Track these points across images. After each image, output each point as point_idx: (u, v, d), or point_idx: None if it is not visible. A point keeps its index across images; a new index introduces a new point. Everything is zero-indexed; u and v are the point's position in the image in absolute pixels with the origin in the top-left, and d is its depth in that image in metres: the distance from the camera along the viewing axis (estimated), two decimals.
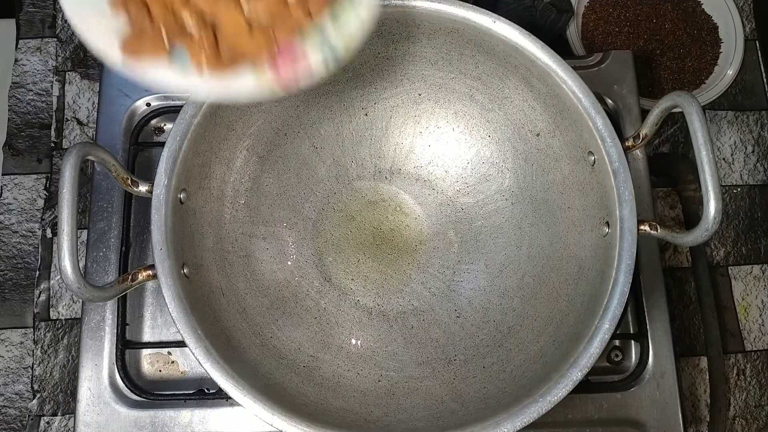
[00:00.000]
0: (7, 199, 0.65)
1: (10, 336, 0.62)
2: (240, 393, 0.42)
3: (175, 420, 0.53)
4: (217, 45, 0.37)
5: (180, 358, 0.56)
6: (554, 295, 0.51)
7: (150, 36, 0.37)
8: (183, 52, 0.37)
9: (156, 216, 0.45)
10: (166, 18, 0.37)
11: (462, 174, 0.58)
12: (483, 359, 0.51)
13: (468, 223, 0.58)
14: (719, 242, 0.68)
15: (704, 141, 0.42)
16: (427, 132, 0.58)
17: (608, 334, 0.43)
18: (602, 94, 0.62)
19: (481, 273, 0.56)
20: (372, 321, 0.55)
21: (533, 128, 0.53)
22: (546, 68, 0.48)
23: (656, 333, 0.56)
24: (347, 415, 0.47)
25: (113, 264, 0.57)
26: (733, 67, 0.72)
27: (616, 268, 0.44)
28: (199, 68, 0.37)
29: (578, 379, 0.42)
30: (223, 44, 0.37)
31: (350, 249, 0.58)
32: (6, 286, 0.63)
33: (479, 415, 0.43)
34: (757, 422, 0.64)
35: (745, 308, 0.67)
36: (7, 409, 0.61)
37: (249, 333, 0.49)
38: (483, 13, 0.48)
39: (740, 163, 0.71)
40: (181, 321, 0.43)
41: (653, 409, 0.54)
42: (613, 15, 0.73)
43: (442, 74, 0.55)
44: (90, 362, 0.54)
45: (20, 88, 0.69)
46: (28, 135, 0.67)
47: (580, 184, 0.50)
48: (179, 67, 0.37)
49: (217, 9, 0.37)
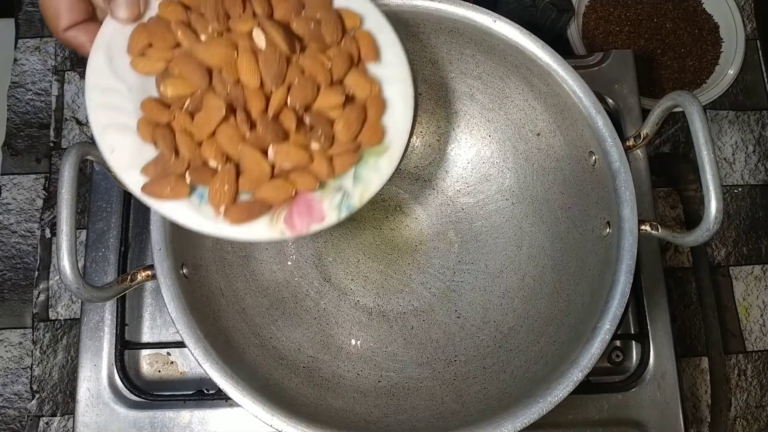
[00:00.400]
0: (6, 199, 0.65)
1: (9, 336, 0.62)
2: (239, 393, 0.42)
3: (175, 421, 0.53)
4: (237, 187, 0.37)
5: (179, 359, 0.56)
6: (555, 296, 0.51)
7: (173, 176, 0.37)
8: (202, 193, 0.37)
9: (155, 216, 0.45)
10: (192, 157, 0.37)
11: (462, 174, 0.58)
12: (483, 360, 0.51)
13: (468, 223, 0.58)
14: (720, 242, 0.68)
15: (705, 141, 0.42)
16: (427, 131, 0.58)
17: (609, 334, 0.43)
18: (603, 94, 0.62)
19: (482, 273, 0.56)
20: (372, 321, 0.55)
21: (534, 128, 0.53)
22: (546, 68, 0.48)
23: (657, 333, 0.56)
24: (347, 416, 0.47)
25: (112, 264, 0.57)
26: (734, 66, 0.72)
27: (616, 269, 0.44)
28: (215, 211, 0.37)
29: (579, 379, 0.42)
30: (243, 187, 0.37)
31: (350, 249, 0.57)
32: (5, 287, 0.63)
33: (480, 416, 0.43)
34: (758, 423, 0.63)
35: (746, 308, 0.66)
36: (6, 410, 0.61)
37: (248, 333, 0.49)
38: (483, 12, 0.48)
39: (741, 163, 0.71)
40: (180, 321, 0.43)
41: (654, 409, 0.54)
42: (613, 14, 0.73)
43: (443, 74, 0.54)
44: (89, 363, 0.54)
45: (19, 87, 0.69)
46: (27, 135, 0.67)
47: (580, 184, 0.50)
48: (196, 206, 0.37)
49: (243, 153, 0.37)
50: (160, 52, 0.38)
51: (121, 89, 0.38)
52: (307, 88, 0.38)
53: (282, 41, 0.38)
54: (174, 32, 0.38)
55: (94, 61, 0.38)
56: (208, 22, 0.38)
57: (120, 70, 0.38)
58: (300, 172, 0.38)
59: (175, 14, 0.39)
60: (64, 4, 0.39)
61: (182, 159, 0.37)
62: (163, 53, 0.38)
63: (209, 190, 0.37)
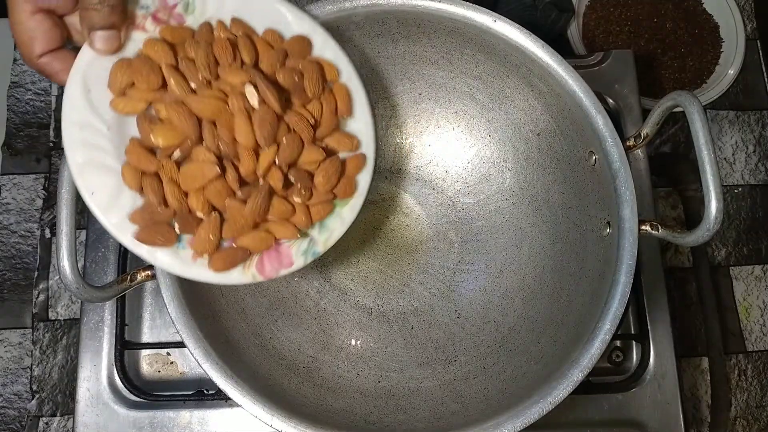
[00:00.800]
0: (5, 199, 0.65)
1: (9, 336, 0.62)
2: (239, 394, 0.42)
3: (174, 421, 0.53)
4: (220, 236, 0.39)
5: (179, 359, 0.56)
6: (555, 296, 0.51)
7: (163, 225, 0.38)
8: (182, 237, 0.39)
9: None
10: (179, 208, 0.38)
11: (462, 174, 0.58)
12: (483, 360, 0.51)
13: (468, 223, 0.58)
14: (720, 242, 0.68)
15: (705, 141, 0.42)
16: (427, 131, 0.58)
17: (609, 334, 0.43)
18: (603, 94, 0.62)
19: (482, 273, 0.56)
20: (372, 321, 0.55)
21: (534, 128, 0.53)
22: (547, 67, 0.48)
23: (657, 333, 0.56)
24: (347, 416, 0.47)
25: (112, 264, 0.57)
26: (735, 66, 0.72)
27: (617, 269, 0.44)
28: (194, 256, 0.39)
29: (579, 379, 0.42)
30: (226, 235, 0.39)
31: (350, 249, 0.57)
32: (5, 287, 0.63)
33: (480, 416, 0.43)
34: (759, 423, 0.63)
35: (746, 308, 0.66)
36: (5, 410, 0.61)
37: (248, 333, 0.49)
38: (483, 12, 0.48)
39: (741, 163, 0.71)
40: (180, 321, 0.43)
41: (654, 409, 0.54)
42: (614, 14, 0.73)
43: (443, 73, 0.54)
44: (89, 363, 0.54)
45: (19, 87, 0.68)
46: (26, 135, 0.67)
47: (581, 184, 0.50)
48: (175, 251, 0.39)
49: (229, 205, 0.39)
50: (143, 93, 0.38)
51: (99, 127, 0.38)
52: (294, 146, 0.40)
53: (275, 101, 0.39)
54: (160, 75, 0.38)
55: (71, 94, 0.37)
56: (198, 69, 0.38)
57: (97, 105, 0.38)
58: (280, 222, 0.41)
59: (163, 56, 0.38)
60: (40, 29, 0.36)
61: (170, 208, 0.38)
62: (146, 94, 0.38)
63: (195, 238, 0.39)
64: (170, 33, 0.39)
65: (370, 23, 0.49)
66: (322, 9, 0.47)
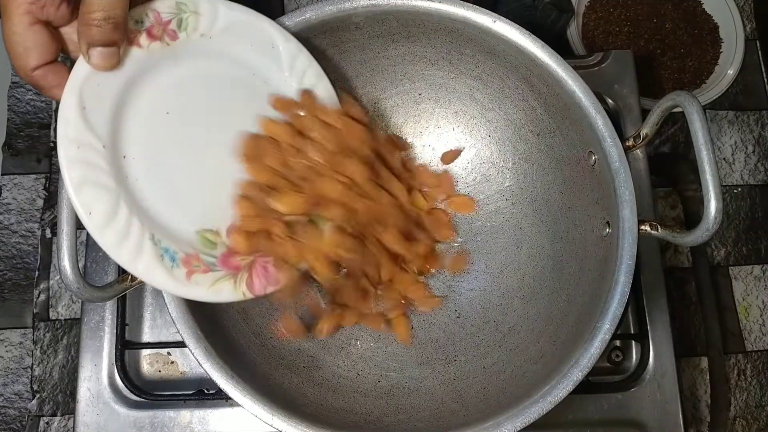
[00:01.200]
0: (6, 199, 0.65)
1: (10, 336, 0.62)
2: (240, 393, 0.42)
3: (175, 420, 0.53)
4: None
5: (180, 359, 0.56)
6: (554, 296, 0.51)
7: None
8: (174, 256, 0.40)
9: None
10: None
11: (462, 174, 0.58)
12: (483, 359, 0.51)
13: (468, 223, 0.58)
14: (720, 242, 0.68)
15: (705, 141, 0.42)
16: (427, 132, 0.58)
17: (609, 334, 0.43)
18: (603, 94, 0.62)
19: (481, 273, 0.56)
20: None
21: (534, 128, 0.53)
22: (546, 68, 0.48)
23: (657, 333, 0.56)
24: (347, 416, 0.47)
25: (113, 264, 0.57)
26: (734, 66, 0.72)
27: (616, 269, 0.44)
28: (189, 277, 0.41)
29: (579, 379, 0.42)
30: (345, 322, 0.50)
31: None
32: (5, 286, 0.63)
33: (479, 416, 0.43)
34: (758, 422, 0.64)
35: (745, 308, 0.67)
36: (6, 410, 0.61)
37: (249, 333, 0.49)
38: (483, 12, 0.48)
39: (741, 163, 0.71)
40: (180, 321, 0.43)
41: (654, 409, 0.54)
42: (613, 15, 0.73)
43: (442, 74, 0.54)
44: (89, 362, 0.54)
45: (19, 87, 0.69)
46: (27, 135, 0.67)
47: (580, 184, 0.50)
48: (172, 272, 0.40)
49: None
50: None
51: (95, 145, 0.38)
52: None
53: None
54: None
55: (66, 110, 0.37)
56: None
57: (93, 122, 0.38)
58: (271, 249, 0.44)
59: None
60: (36, 41, 0.35)
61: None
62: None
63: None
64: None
65: (370, 23, 0.49)
66: (322, 9, 0.47)
